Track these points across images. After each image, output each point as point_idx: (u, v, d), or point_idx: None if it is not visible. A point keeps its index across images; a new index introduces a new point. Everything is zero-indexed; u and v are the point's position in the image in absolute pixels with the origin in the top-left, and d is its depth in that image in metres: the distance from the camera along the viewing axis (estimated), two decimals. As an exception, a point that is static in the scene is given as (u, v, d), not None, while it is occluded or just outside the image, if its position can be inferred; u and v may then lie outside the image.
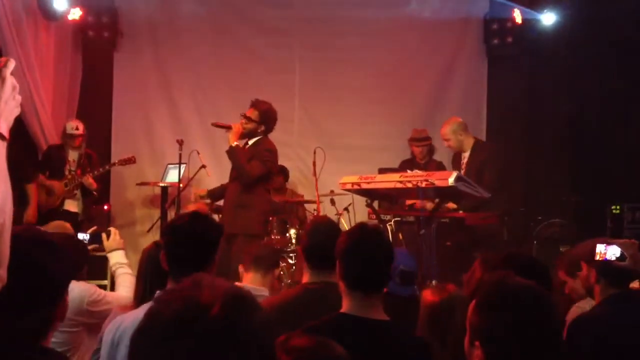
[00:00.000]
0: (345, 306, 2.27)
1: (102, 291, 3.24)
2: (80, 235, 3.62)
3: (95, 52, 7.49)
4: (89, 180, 6.54)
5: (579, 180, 7.23)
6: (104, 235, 3.47)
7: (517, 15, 7.42)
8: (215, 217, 6.53)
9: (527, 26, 7.43)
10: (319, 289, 2.73)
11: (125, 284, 3.26)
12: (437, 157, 6.63)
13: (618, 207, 6.81)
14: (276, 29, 7.88)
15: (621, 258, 2.76)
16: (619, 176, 6.92)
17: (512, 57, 7.73)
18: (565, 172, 7.35)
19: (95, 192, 6.69)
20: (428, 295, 2.59)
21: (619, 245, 2.78)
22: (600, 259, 2.83)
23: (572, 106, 7.34)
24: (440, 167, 6.34)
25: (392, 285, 3.61)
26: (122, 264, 3.41)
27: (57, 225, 3.37)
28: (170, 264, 2.31)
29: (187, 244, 2.30)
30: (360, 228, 2.42)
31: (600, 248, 2.82)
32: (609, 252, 2.80)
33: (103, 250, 3.53)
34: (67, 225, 3.48)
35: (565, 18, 7.15)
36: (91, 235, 3.59)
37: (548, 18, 7.26)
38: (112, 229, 3.55)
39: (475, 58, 7.99)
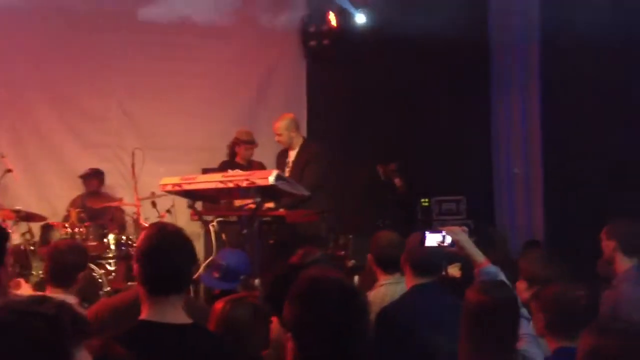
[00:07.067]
0: (145, 312, 2.17)
1: None
2: None
3: None
4: None
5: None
6: None
7: (332, 19, 7.72)
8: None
9: (343, 29, 7.75)
10: None
11: None
12: (256, 157, 6.67)
13: (427, 201, 7.35)
14: (94, 22, 7.41)
15: (451, 244, 2.72)
16: (427, 172, 7.46)
17: (330, 58, 8.00)
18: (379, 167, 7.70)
19: None
20: (219, 304, 2.64)
21: (448, 232, 2.73)
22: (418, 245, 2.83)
23: (380, 105, 7.80)
24: (261, 167, 6.39)
25: (210, 279, 3.73)
26: None
27: None
28: None
29: None
30: (159, 229, 2.26)
31: (425, 235, 2.79)
32: (429, 239, 2.75)
33: None
34: None
35: (374, 20, 7.57)
36: None
37: (360, 18, 7.65)
38: None
39: (295, 60, 8.20)
